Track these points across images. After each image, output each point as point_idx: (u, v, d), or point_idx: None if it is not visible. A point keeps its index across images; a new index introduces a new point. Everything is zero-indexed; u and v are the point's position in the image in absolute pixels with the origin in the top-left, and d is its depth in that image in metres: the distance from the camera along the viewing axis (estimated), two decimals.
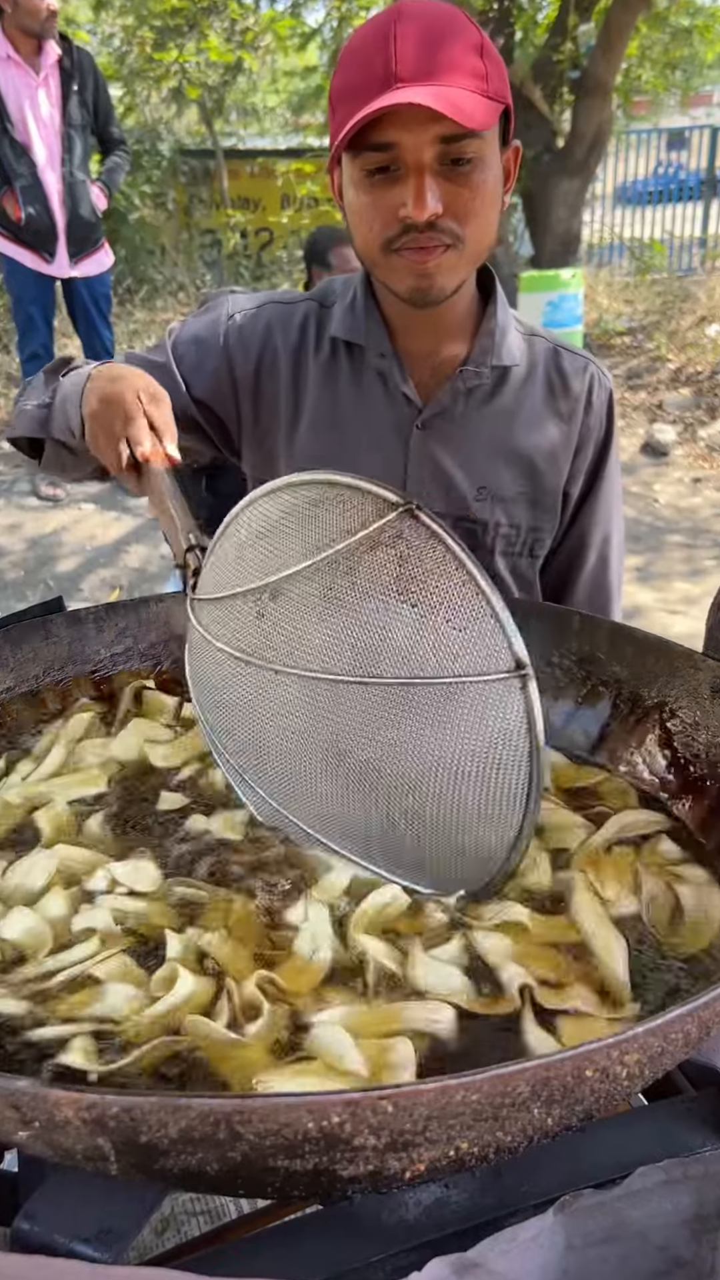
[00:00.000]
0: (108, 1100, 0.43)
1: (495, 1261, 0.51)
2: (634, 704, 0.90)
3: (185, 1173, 0.47)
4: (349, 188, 1.05)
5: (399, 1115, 0.45)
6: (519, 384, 1.21)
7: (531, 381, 1.21)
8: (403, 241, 1.03)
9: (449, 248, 1.03)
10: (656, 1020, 0.49)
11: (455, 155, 0.99)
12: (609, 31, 6.73)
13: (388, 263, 1.06)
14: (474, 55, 0.98)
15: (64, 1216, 0.53)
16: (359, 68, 0.98)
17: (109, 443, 0.97)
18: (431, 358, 1.19)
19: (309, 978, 0.71)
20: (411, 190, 0.99)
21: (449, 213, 1.01)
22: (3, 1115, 0.45)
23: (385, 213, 1.02)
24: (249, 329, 1.22)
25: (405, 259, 1.04)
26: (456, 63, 0.97)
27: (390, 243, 1.04)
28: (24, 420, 1.15)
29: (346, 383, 1.19)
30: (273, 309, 1.23)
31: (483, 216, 1.04)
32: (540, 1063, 0.46)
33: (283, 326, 1.22)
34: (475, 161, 1.00)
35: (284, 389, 1.21)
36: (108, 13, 9.46)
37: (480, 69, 0.98)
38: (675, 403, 6.05)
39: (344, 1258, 0.57)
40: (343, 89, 1.01)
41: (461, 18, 1.01)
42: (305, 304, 1.23)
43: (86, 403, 1.01)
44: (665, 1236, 0.57)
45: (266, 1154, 0.45)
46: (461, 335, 1.19)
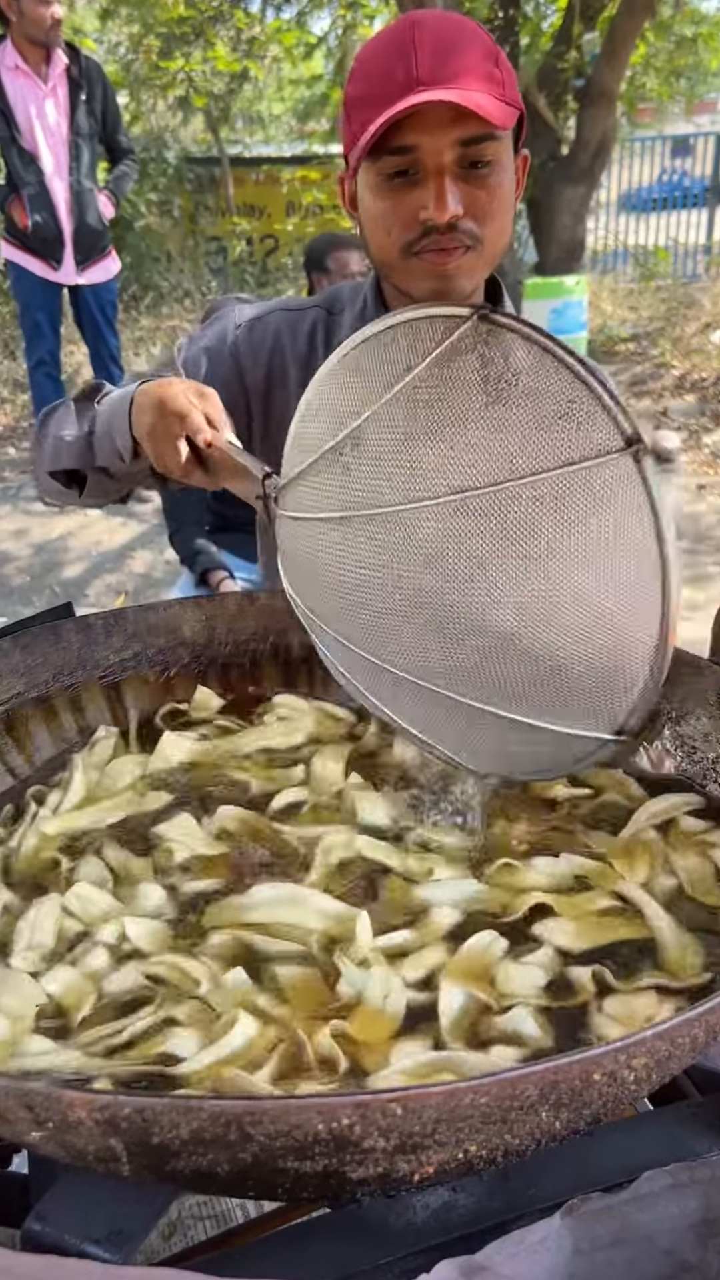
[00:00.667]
0: (120, 1101, 0.44)
1: (503, 1265, 0.51)
2: None
3: (196, 1174, 0.48)
4: (366, 194, 1.06)
5: (408, 1118, 0.45)
6: None
7: None
8: (423, 244, 1.04)
9: (469, 249, 1.05)
10: (663, 1025, 0.49)
11: (474, 158, 1.00)
12: (613, 40, 6.75)
13: (406, 266, 1.07)
14: (489, 62, 1.00)
15: (75, 1218, 0.54)
16: (378, 75, 1.00)
17: (169, 446, 0.98)
18: None
19: (382, 1027, 0.68)
20: (433, 192, 1.00)
21: (469, 214, 1.02)
22: (17, 1116, 0.46)
23: (405, 216, 1.03)
24: (257, 337, 1.23)
25: (425, 262, 1.05)
26: (474, 68, 0.99)
27: (410, 246, 1.05)
28: (66, 453, 1.14)
29: None
30: (280, 316, 1.25)
31: (500, 219, 1.05)
32: (548, 1066, 0.47)
33: (291, 334, 1.23)
34: (493, 164, 1.02)
35: (294, 397, 1.22)
36: (114, 21, 9.52)
37: (496, 75, 1.00)
38: (679, 409, 6.06)
39: (352, 1260, 0.57)
40: (361, 97, 1.02)
41: (475, 27, 1.04)
42: (313, 311, 1.25)
43: (138, 423, 1.01)
44: (672, 1241, 0.57)
45: (277, 1155, 0.46)
46: None
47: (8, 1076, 0.46)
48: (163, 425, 0.97)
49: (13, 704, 0.93)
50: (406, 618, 0.83)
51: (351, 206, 1.12)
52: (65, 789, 0.91)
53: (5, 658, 0.93)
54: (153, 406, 0.99)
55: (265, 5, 9.16)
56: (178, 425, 0.97)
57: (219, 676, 1.09)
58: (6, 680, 0.93)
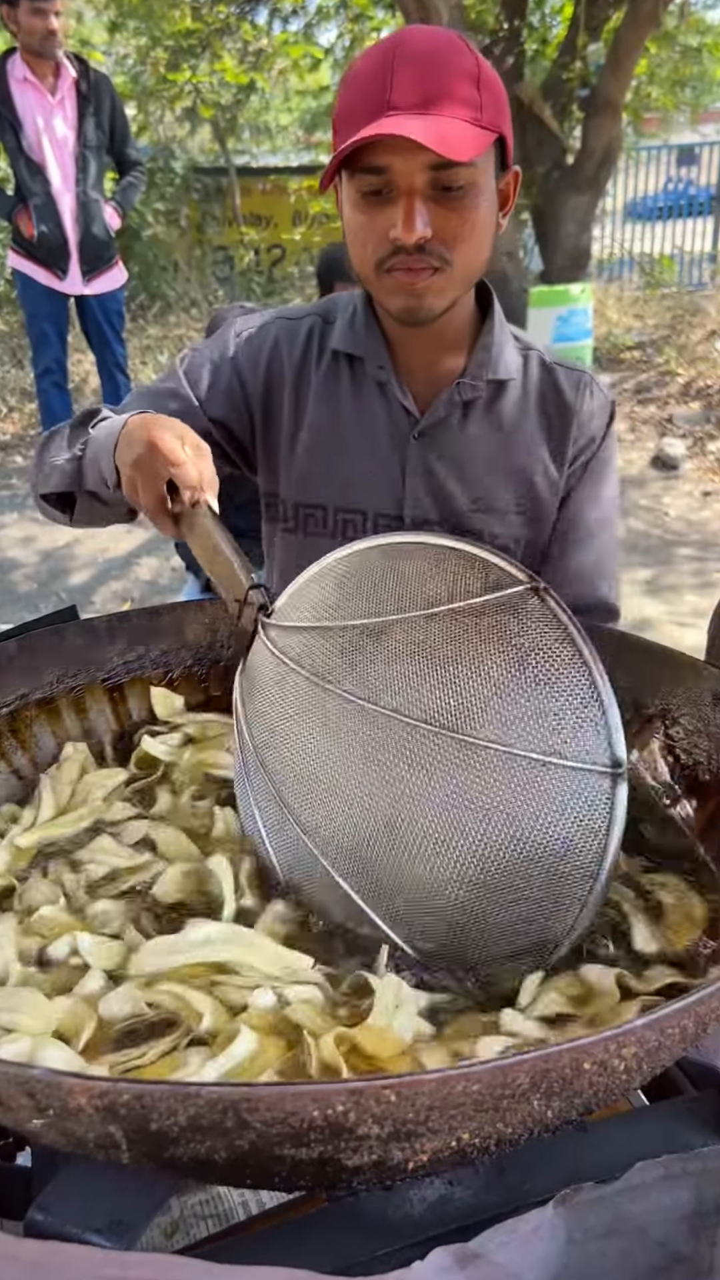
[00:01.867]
0: (120, 1087, 0.45)
1: (496, 1253, 0.52)
2: (636, 711, 0.91)
3: (194, 1161, 0.48)
4: (347, 206, 1.08)
5: (401, 1105, 0.46)
6: (515, 398, 1.23)
7: (526, 396, 1.23)
8: (393, 262, 1.06)
9: (437, 270, 1.06)
10: (653, 1015, 0.50)
11: (446, 182, 1.01)
12: (618, 50, 6.78)
13: (380, 282, 1.09)
14: (469, 85, 1.01)
15: (76, 1208, 0.55)
16: (359, 93, 1.02)
17: (150, 485, 0.96)
18: (429, 371, 1.21)
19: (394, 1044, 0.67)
20: (401, 213, 1.02)
21: (438, 237, 1.03)
22: (18, 1103, 0.47)
23: (378, 233, 1.05)
24: (257, 344, 1.25)
25: (396, 279, 1.07)
26: (450, 92, 1.00)
27: (382, 262, 1.07)
28: (55, 476, 1.14)
29: (347, 394, 1.22)
30: (279, 324, 1.27)
31: (472, 242, 1.06)
32: (539, 1054, 0.47)
33: (289, 340, 1.25)
34: (466, 188, 1.03)
35: (289, 401, 1.24)
36: (122, 34, 9.59)
37: (474, 99, 1.01)
38: (685, 417, 6.06)
39: (349, 1251, 0.58)
40: (343, 112, 1.04)
41: (461, 46, 1.04)
42: (310, 318, 1.27)
43: (127, 449, 0.99)
44: (665, 1232, 0.58)
45: (273, 1142, 0.47)
46: (458, 350, 1.21)
47: (9, 1064, 0.47)
48: (149, 461, 0.96)
49: (17, 705, 0.94)
50: (352, 805, 0.83)
51: (342, 213, 1.13)
52: (37, 807, 0.92)
53: (10, 660, 0.94)
54: (144, 441, 0.97)
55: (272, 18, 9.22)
56: (164, 468, 0.95)
57: (220, 678, 1.10)
58: (11, 682, 0.94)
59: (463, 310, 1.18)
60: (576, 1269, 0.55)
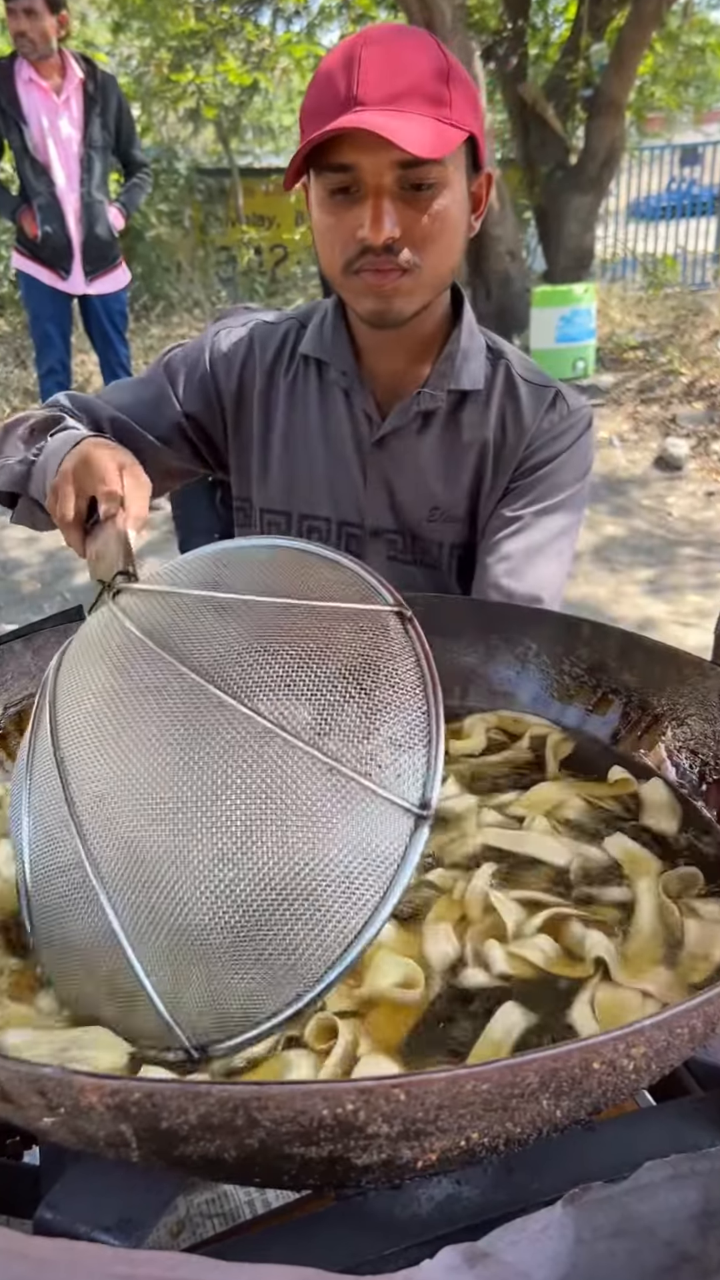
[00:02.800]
0: (130, 1086, 0.45)
1: (505, 1252, 0.52)
2: (643, 711, 0.91)
3: (204, 1160, 0.49)
4: (314, 206, 1.06)
5: (411, 1104, 0.46)
6: (477, 409, 1.20)
7: (488, 408, 1.20)
8: (361, 263, 1.04)
9: (405, 272, 1.04)
10: (663, 1014, 0.50)
11: (415, 181, 0.99)
12: (621, 50, 6.79)
13: (348, 284, 1.07)
14: (438, 83, 0.98)
15: (85, 1206, 0.55)
16: (324, 89, 1.00)
17: (69, 496, 0.94)
18: (395, 378, 1.19)
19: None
20: (369, 212, 1.00)
21: (406, 238, 1.01)
22: (30, 1101, 0.47)
23: (345, 233, 1.03)
24: (233, 347, 1.24)
25: (364, 280, 1.05)
26: (417, 89, 0.97)
27: (350, 264, 1.05)
28: (4, 475, 1.14)
29: (313, 399, 1.21)
30: (259, 327, 1.26)
31: (441, 243, 1.04)
32: (549, 1054, 0.48)
33: (263, 344, 1.24)
34: (436, 187, 1.01)
35: (257, 404, 1.23)
36: (126, 35, 9.61)
37: (443, 96, 0.98)
38: (688, 417, 6.06)
39: (357, 1250, 0.58)
40: (309, 109, 1.02)
41: (430, 44, 1.01)
42: (288, 323, 1.26)
43: (67, 462, 0.98)
44: (673, 1231, 0.58)
45: (283, 1140, 0.47)
46: (426, 357, 1.19)
47: (20, 1062, 0.47)
48: (80, 475, 0.94)
49: (24, 704, 0.94)
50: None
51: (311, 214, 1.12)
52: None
53: (17, 659, 0.94)
54: (83, 458, 0.95)
55: (275, 18, 9.24)
56: (91, 483, 0.93)
57: None
58: (18, 681, 0.94)
59: (432, 316, 1.15)
60: (585, 1268, 0.55)
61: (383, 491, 1.21)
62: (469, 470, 1.20)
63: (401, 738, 0.70)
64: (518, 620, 1.00)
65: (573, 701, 0.96)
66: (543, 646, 0.98)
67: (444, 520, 1.22)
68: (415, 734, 0.70)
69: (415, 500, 1.21)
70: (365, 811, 0.67)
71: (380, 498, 1.21)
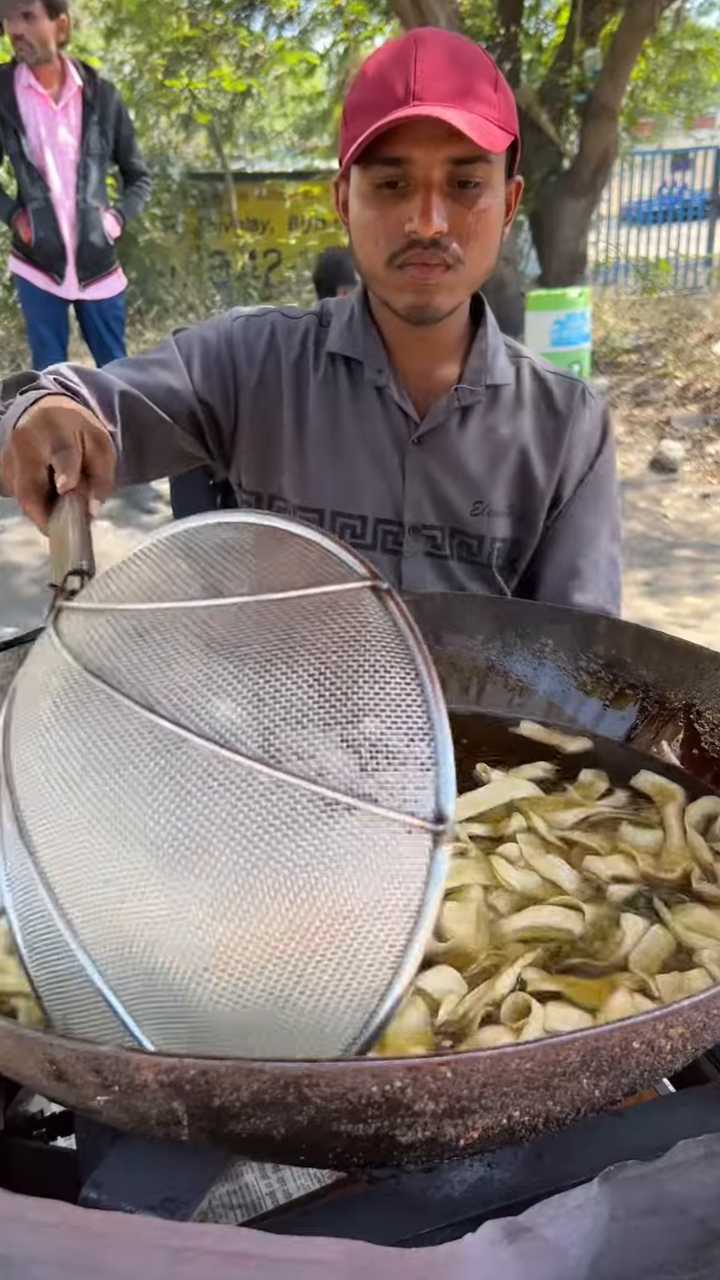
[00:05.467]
0: (186, 1063, 0.46)
1: (545, 1227, 0.53)
2: (661, 705, 0.92)
3: (252, 1137, 0.50)
4: (356, 201, 1.08)
5: (457, 1081, 0.48)
6: (509, 403, 1.24)
7: (520, 401, 1.24)
8: (406, 256, 1.05)
9: (449, 268, 1.06)
10: (699, 995, 0.51)
11: (463, 178, 1.02)
12: (614, 56, 6.83)
13: (389, 278, 1.09)
14: (488, 85, 1.02)
15: (129, 1184, 0.56)
16: (377, 85, 1.02)
17: (26, 464, 0.87)
18: (426, 377, 1.21)
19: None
20: (419, 206, 1.02)
21: (452, 233, 1.04)
22: (85, 1080, 0.48)
23: (391, 227, 1.04)
24: (253, 333, 1.24)
25: (408, 275, 1.06)
26: (472, 90, 1.00)
27: (394, 258, 1.06)
28: None
29: (346, 399, 1.22)
30: (277, 317, 1.26)
31: (483, 241, 1.07)
32: (590, 1033, 0.49)
33: (286, 337, 1.25)
34: (482, 186, 1.03)
35: (287, 401, 1.23)
36: (120, 40, 9.63)
37: (494, 99, 1.02)
38: (683, 419, 6.10)
39: (393, 1230, 0.59)
40: (359, 104, 1.03)
41: (476, 50, 1.05)
42: (307, 318, 1.27)
43: (19, 424, 0.91)
44: (705, 1210, 0.59)
45: (331, 1118, 0.48)
46: (454, 357, 1.22)
47: (77, 1041, 0.48)
48: (34, 439, 0.88)
49: None
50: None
51: (344, 211, 1.13)
52: None
53: None
54: (38, 419, 0.88)
55: (268, 24, 9.26)
56: (48, 450, 0.87)
57: None
58: None
59: (461, 316, 1.18)
60: (619, 1245, 0.56)
61: (423, 488, 1.23)
62: (511, 463, 1.23)
63: (398, 744, 0.59)
64: (535, 617, 1.02)
65: (590, 697, 0.98)
66: (560, 643, 0.99)
67: (488, 514, 1.24)
68: (415, 734, 0.60)
69: (458, 495, 1.23)
70: (373, 845, 0.57)
71: (421, 494, 1.23)
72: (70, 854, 0.61)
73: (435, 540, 1.25)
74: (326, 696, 0.61)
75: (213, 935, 0.56)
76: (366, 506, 1.23)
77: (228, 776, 0.59)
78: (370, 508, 1.23)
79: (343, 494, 1.23)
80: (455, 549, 1.25)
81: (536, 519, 1.25)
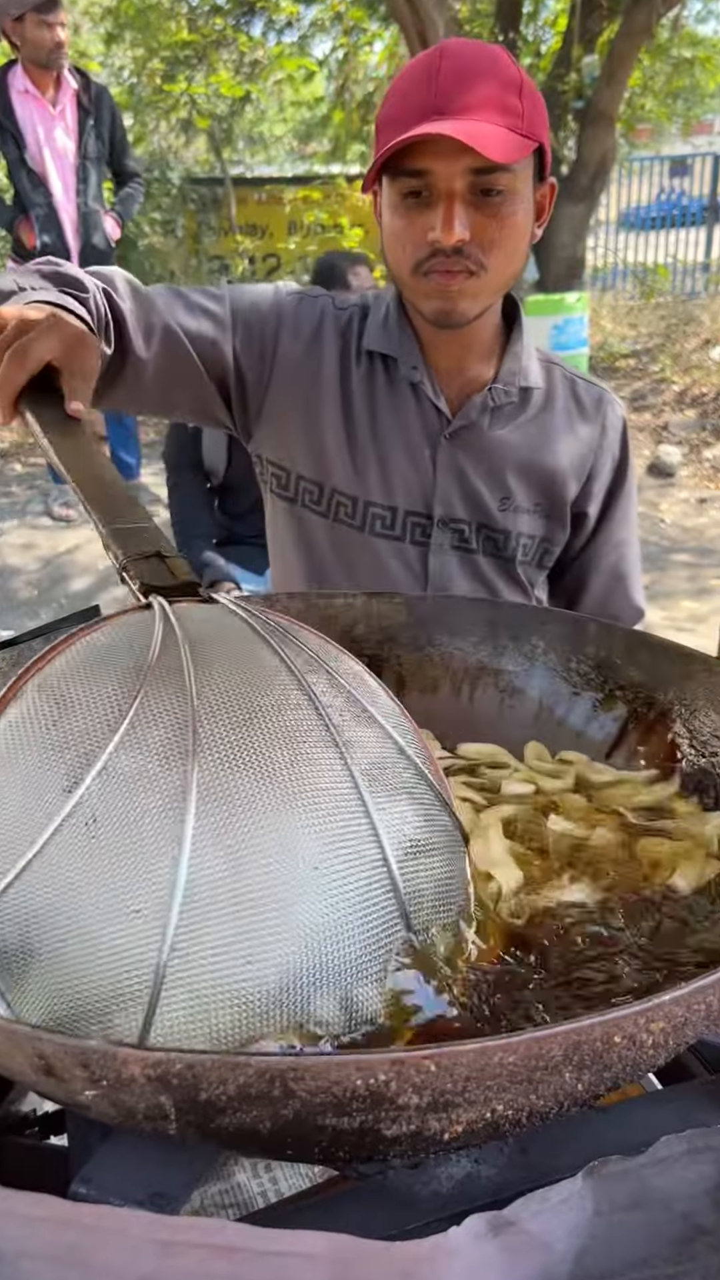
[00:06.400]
0: (172, 1057, 0.47)
1: (529, 1221, 0.54)
2: (650, 707, 0.93)
3: (240, 1132, 0.50)
4: (386, 210, 1.12)
5: (440, 1075, 0.48)
6: (539, 405, 1.28)
7: (551, 404, 1.28)
8: (430, 264, 1.09)
9: (472, 274, 1.09)
10: (680, 990, 0.52)
11: (485, 186, 1.05)
12: (612, 62, 6.86)
13: (416, 284, 1.13)
14: (510, 94, 1.04)
15: (118, 1180, 0.56)
16: (402, 100, 1.06)
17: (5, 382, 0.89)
18: (458, 375, 1.25)
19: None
20: (441, 215, 1.05)
21: (475, 240, 1.07)
22: (73, 1075, 0.49)
23: (416, 235, 1.08)
24: (305, 311, 1.27)
25: (432, 281, 1.10)
26: (491, 99, 1.03)
27: (419, 265, 1.10)
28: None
29: (384, 393, 1.25)
30: (328, 305, 1.29)
31: (507, 247, 1.10)
32: (571, 1027, 0.49)
33: (334, 324, 1.27)
34: (505, 194, 1.06)
35: (331, 391, 1.25)
36: (119, 45, 9.66)
37: (516, 107, 1.04)
38: (680, 424, 6.11)
39: (380, 1226, 0.60)
40: (386, 119, 1.08)
41: (504, 58, 1.08)
42: (351, 309, 1.29)
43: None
44: (688, 1205, 0.60)
45: (316, 1111, 0.49)
46: (486, 357, 1.26)
47: (64, 1035, 0.49)
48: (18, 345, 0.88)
49: None
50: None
51: (379, 218, 1.16)
52: None
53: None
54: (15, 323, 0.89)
55: (268, 30, 9.30)
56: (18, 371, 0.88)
57: None
58: None
59: (491, 318, 1.22)
60: (603, 1240, 0.57)
61: (454, 482, 1.26)
62: (540, 463, 1.27)
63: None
64: (526, 619, 1.02)
65: (580, 698, 0.98)
66: (550, 645, 1.00)
67: (514, 510, 1.28)
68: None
69: (487, 490, 1.26)
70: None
71: (451, 488, 1.26)
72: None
73: (463, 534, 1.28)
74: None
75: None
76: (398, 498, 1.26)
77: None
78: (402, 499, 1.26)
79: (377, 485, 1.26)
80: (482, 543, 1.29)
81: (564, 517, 1.30)
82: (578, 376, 1.33)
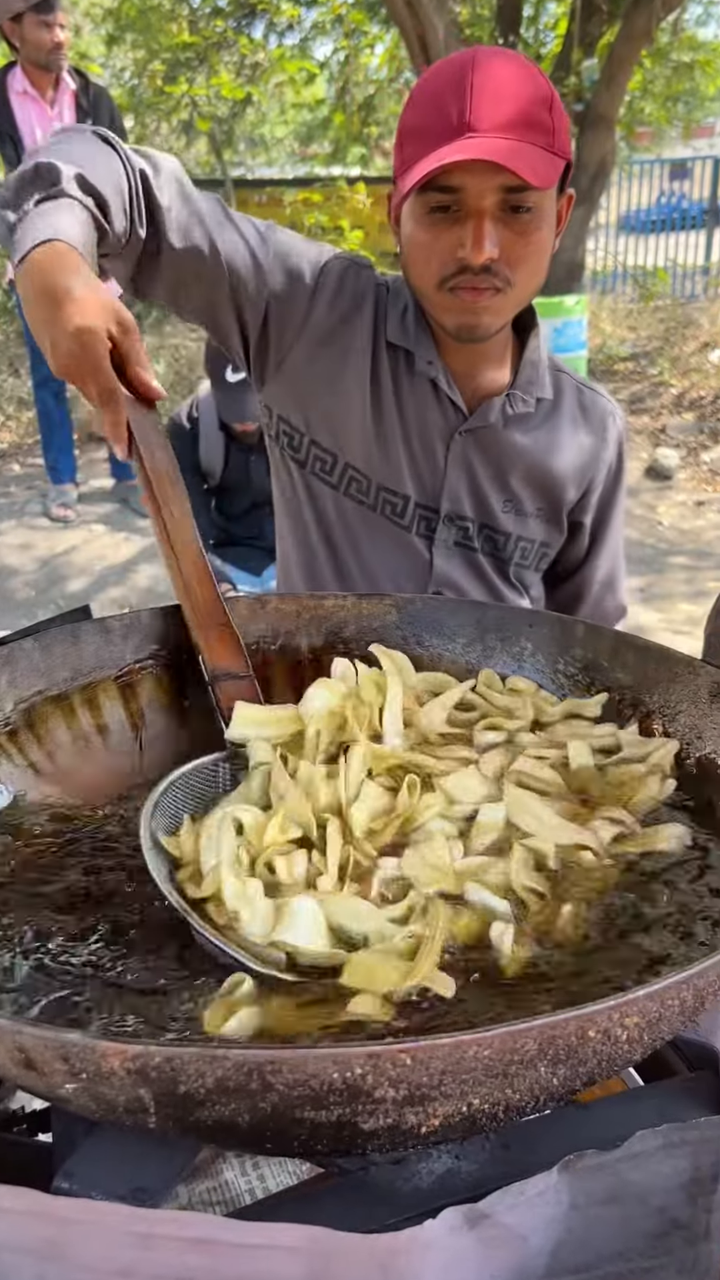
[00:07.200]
0: (151, 1051, 0.47)
1: (504, 1214, 0.55)
2: (635, 708, 0.94)
3: (219, 1125, 0.51)
4: (409, 221, 1.10)
5: (416, 1068, 0.49)
6: (547, 412, 1.29)
7: (558, 411, 1.29)
8: (457, 281, 1.08)
9: (498, 291, 1.09)
10: (654, 986, 0.53)
11: (515, 204, 1.04)
12: (612, 66, 6.87)
13: (440, 299, 1.12)
14: (544, 110, 1.03)
15: (100, 1175, 0.57)
16: (433, 110, 1.04)
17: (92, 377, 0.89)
18: (472, 379, 1.25)
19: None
20: (471, 233, 1.04)
21: (503, 258, 1.06)
22: (53, 1069, 0.49)
23: (444, 251, 1.07)
24: (349, 282, 1.23)
25: (458, 298, 1.10)
26: (527, 118, 1.02)
27: (445, 280, 1.09)
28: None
29: (405, 382, 1.26)
30: (372, 277, 1.25)
31: (533, 263, 1.10)
32: (547, 1021, 0.50)
33: (374, 303, 1.24)
34: (534, 211, 1.06)
35: (359, 370, 1.23)
36: (120, 47, 9.67)
37: (547, 124, 1.03)
38: (678, 427, 6.12)
39: (361, 1220, 0.60)
40: (414, 128, 1.06)
41: (534, 71, 1.06)
42: (380, 289, 1.26)
43: (39, 304, 0.88)
44: (664, 1199, 0.60)
45: (294, 1104, 0.49)
46: (499, 361, 1.26)
47: (45, 1028, 0.49)
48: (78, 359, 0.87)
49: (34, 701, 0.97)
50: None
51: (395, 223, 1.16)
52: None
53: (27, 657, 0.97)
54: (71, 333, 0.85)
55: (269, 32, 9.31)
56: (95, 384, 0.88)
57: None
58: (28, 678, 0.96)
59: (509, 327, 1.22)
60: (579, 1233, 0.58)
61: (463, 479, 1.27)
62: (545, 469, 1.28)
63: None
64: (514, 621, 1.03)
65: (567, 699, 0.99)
66: (539, 646, 1.01)
67: (516, 513, 1.29)
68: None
69: (493, 491, 1.28)
70: None
71: (459, 484, 1.27)
72: None
73: (466, 531, 1.29)
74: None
75: None
76: (410, 488, 1.27)
77: None
78: (413, 489, 1.27)
79: (391, 471, 1.26)
80: (482, 543, 1.30)
81: (561, 523, 1.32)
82: (584, 385, 1.33)
